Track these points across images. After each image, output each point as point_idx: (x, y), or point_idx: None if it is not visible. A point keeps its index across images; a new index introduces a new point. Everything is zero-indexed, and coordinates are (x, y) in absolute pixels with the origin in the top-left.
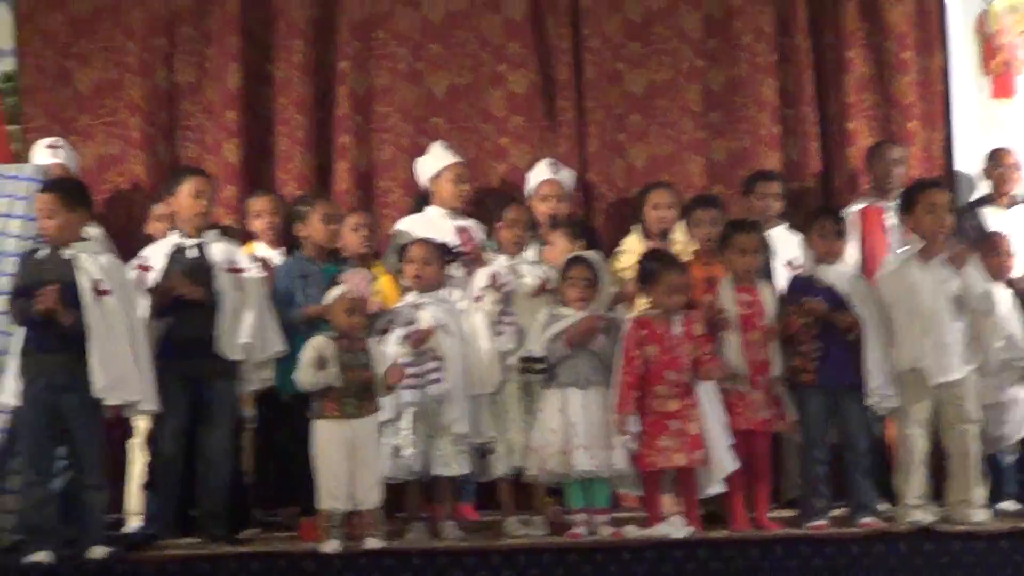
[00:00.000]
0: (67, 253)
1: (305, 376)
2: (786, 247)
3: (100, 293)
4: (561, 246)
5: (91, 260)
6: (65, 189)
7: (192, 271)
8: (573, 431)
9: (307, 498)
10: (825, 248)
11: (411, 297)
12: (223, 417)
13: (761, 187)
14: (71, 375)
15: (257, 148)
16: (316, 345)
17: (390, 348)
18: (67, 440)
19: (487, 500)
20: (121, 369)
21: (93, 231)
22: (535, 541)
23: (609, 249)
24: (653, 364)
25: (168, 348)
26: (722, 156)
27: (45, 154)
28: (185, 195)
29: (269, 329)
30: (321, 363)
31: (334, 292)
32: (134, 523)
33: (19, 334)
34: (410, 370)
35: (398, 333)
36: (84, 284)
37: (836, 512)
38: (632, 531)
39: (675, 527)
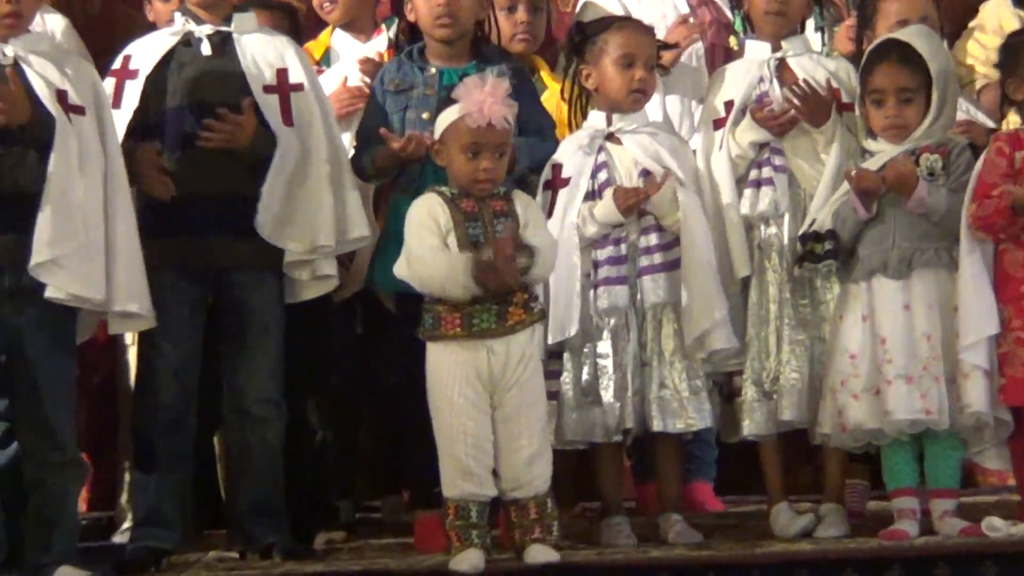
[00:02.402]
0: (6, 51)
1: (428, 269)
2: None
3: (69, 110)
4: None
5: (47, 63)
6: None
7: (199, 82)
8: (882, 352)
9: (426, 479)
10: None
11: (596, 120)
12: (265, 342)
13: None
14: (15, 266)
15: None
16: (423, 209)
17: (561, 212)
18: (14, 381)
19: (735, 476)
20: (86, 240)
21: (55, 22)
22: (823, 546)
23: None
24: None
25: (161, 223)
26: None
27: None
28: None
29: (344, 198)
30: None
31: (446, 116)
32: (128, 526)
33: None
34: (604, 251)
35: (580, 185)
36: (43, 94)
37: None
38: (996, 525)
39: None
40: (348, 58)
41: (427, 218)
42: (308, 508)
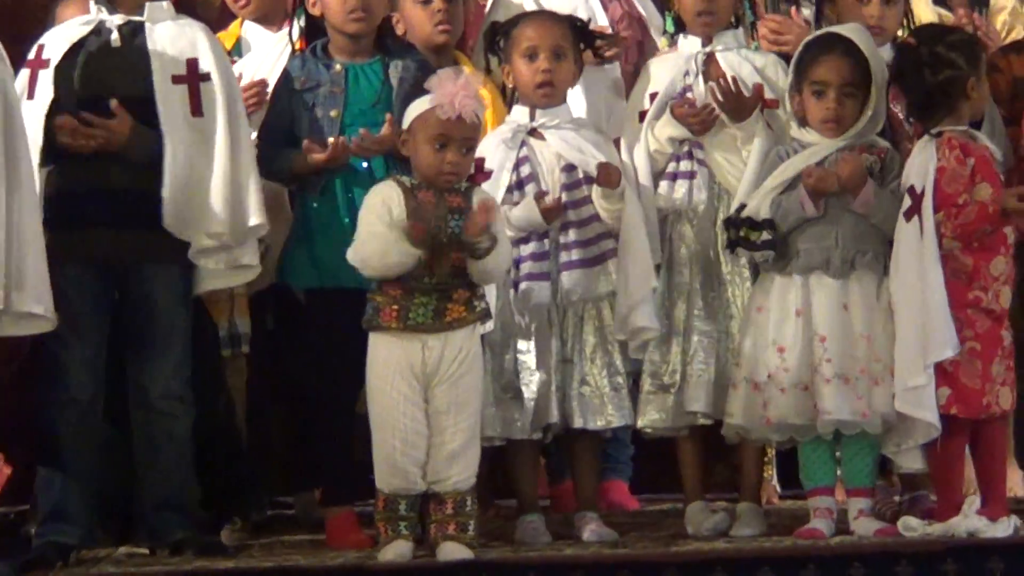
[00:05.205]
0: None
1: (368, 248)
2: None
3: None
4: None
5: None
6: None
7: (104, 73)
8: (821, 350)
9: (338, 477)
10: None
11: (518, 114)
12: (171, 339)
13: None
14: None
15: None
16: (378, 196)
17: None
18: None
19: (651, 475)
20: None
21: None
22: (738, 545)
23: None
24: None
25: (66, 215)
26: None
27: None
28: None
29: (244, 186)
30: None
31: (416, 106)
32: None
33: None
34: (527, 247)
35: (502, 178)
36: None
37: None
38: (912, 525)
39: (986, 521)
40: (259, 48)
41: (379, 205)
42: (214, 503)
